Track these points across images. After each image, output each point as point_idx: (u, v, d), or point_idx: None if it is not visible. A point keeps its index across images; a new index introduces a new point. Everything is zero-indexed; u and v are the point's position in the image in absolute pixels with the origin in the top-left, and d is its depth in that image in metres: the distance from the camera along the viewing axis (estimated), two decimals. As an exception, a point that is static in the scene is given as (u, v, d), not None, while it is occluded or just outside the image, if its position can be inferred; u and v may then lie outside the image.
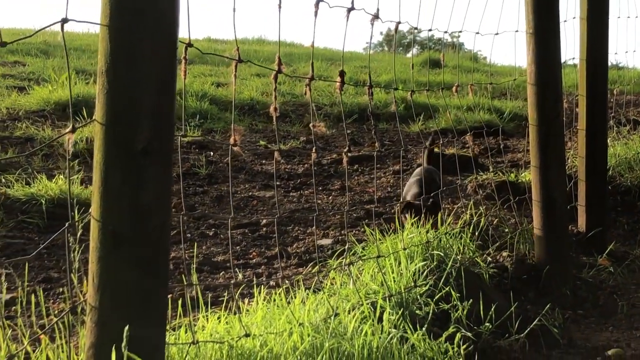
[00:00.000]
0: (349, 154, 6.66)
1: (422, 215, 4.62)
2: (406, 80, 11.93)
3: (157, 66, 2.23)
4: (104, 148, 2.26)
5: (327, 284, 3.63)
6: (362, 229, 5.45)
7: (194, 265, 4.30)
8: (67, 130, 2.27)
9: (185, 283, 2.89)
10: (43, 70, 11.39)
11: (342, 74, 3.34)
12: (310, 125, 3.31)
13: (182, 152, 7.80)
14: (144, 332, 2.19)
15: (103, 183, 2.26)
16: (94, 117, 2.29)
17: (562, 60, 4.68)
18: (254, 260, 5.00)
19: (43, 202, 5.82)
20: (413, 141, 8.77)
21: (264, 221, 5.81)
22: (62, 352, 2.45)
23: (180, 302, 3.20)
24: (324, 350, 2.64)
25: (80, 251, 2.52)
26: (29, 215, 5.81)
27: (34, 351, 2.52)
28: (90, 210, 2.31)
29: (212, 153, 7.96)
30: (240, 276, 4.63)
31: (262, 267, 4.85)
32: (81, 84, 9.80)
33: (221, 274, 4.70)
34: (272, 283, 4.33)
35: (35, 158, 7.29)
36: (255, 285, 3.57)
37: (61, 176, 6.23)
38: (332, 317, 3.08)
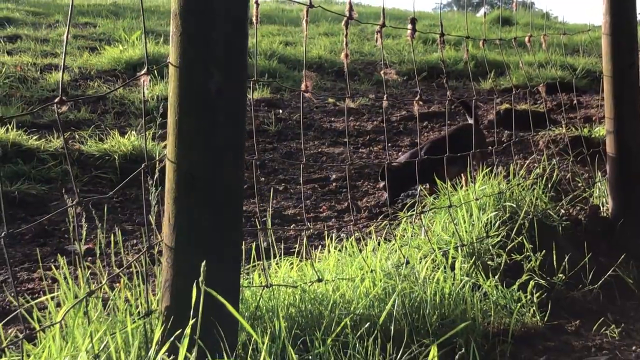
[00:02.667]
0: (419, 111, 6.57)
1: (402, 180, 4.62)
2: (476, 38, 11.75)
3: (230, 4, 2.23)
4: (178, 90, 2.27)
5: (398, 235, 3.62)
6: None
7: (266, 219, 4.33)
8: (142, 72, 2.29)
9: (259, 227, 2.90)
10: (113, 31, 11.51)
11: (413, 21, 3.30)
12: (382, 72, 3.28)
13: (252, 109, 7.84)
14: (219, 270, 2.21)
15: (177, 125, 2.28)
16: (168, 60, 2.30)
17: (638, 11, 4.58)
18: (324, 214, 5.01)
19: (116, 157, 5.91)
20: (484, 98, 8.67)
21: (334, 176, 5.82)
22: (140, 292, 2.49)
23: (253, 252, 3.22)
24: (396, 293, 2.63)
25: (157, 195, 2.54)
26: (103, 170, 5.90)
27: (112, 291, 2.57)
28: (165, 152, 2.33)
29: (280, 111, 7.98)
30: (310, 229, 4.65)
31: (333, 220, 4.87)
32: (151, 43, 9.88)
33: (292, 226, 4.72)
34: (342, 235, 4.34)
35: (107, 116, 7.39)
36: (327, 235, 3.58)
37: (133, 132, 6.31)
38: (404, 265, 3.07)
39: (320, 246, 4.05)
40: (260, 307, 2.62)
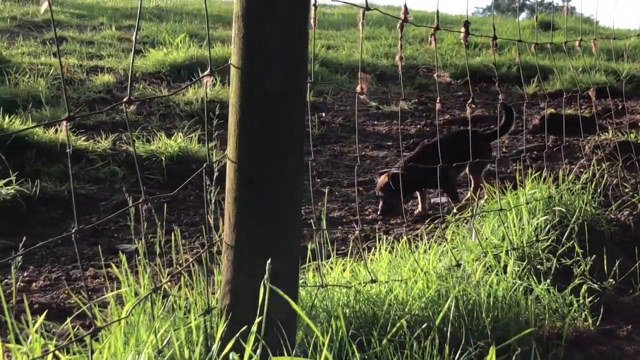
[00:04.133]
0: (462, 115, 6.59)
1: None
2: (525, 42, 11.71)
3: (292, 8, 2.26)
4: (239, 92, 2.31)
5: (448, 237, 3.63)
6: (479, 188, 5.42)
7: (312, 220, 4.36)
8: (206, 73, 2.33)
9: (314, 228, 2.93)
10: (157, 34, 11.62)
11: (466, 24, 3.32)
12: (435, 75, 3.30)
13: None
14: (278, 269, 2.23)
15: (239, 125, 2.31)
16: (229, 62, 2.33)
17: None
18: (370, 216, 5.03)
19: (163, 158, 5.97)
20: (527, 102, 8.63)
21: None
22: (199, 290, 2.53)
23: (309, 252, 3.24)
24: (452, 295, 2.65)
25: (215, 193, 2.58)
26: (150, 171, 5.97)
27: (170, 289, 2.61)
28: (225, 152, 2.36)
29: (323, 114, 8.01)
30: (357, 231, 4.67)
31: (379, 222, 4.88)
32: (195, 46, 9.97)
33: (338, 228, 4.74)
34: (389, 238, 4.36)
35: (153, 117, 7.47)
36: (376, 238, 3.60)
37: (180, 134, 6.37)
38: (455, 267, 3.08)
39: (367, 248, 4.07)
40: (316, 307, 2.64)
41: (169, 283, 2.56)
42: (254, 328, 1.99)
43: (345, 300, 2.74)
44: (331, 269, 3.10)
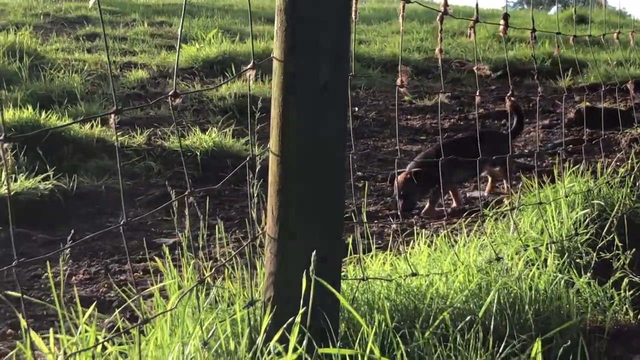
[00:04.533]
0: (496, 109, 6.56)
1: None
2: (551, 36, 11.63)
3: (336, 1, 2.26)
4: (282, 85, 2.31)
5: (487, 231, 3.62)
6: (514, 182, 5.40)
7: (352, 214, 4.36)
8: (249, 66, 2.34)
9: (355, 221, 2.93)
10: (189, 30, 11.66)
11: (505, 17, 3.30)
12: (474, 68, 3.29)
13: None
14: (322, 262, 2.24)
15: (282, 118, 2.32)
16: (272, 55, 2.34)
17: None
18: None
19: (197, 153, 6.00)
20: (563, 95, 8.56)
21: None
22: (242, 282, 2.54)
23: (350, 246, 3.25)
24: (495, 288, 2.64)
25: (258, 186, 2.58)
26: (185, 166, 5.98)
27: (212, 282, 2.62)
28: (268, 145, 2.37)
29: (356, 108, 8.00)
30: (394, 225, 4.67)
31: (415, 217, 4.88)
32: (227, 42, 10.00)
33: (374, 222, 4.74)
34: (426, 232, 4.35)
35: (186, 113, 7.50)
36: (415, 232, 3.60)
37: (214, 129, 6.40)
38: (495, 261, 3.08)
39: (404, 242, 4.07)
40: (357, 300, 2.65)
41: (210, 276, 2.58)
42: (298, 319, 2.00)
43: (385, 293, 2.75)
44: (371, 262, 3.10)
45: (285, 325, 2.02)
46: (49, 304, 2.62)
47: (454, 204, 5.08)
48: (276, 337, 1.98)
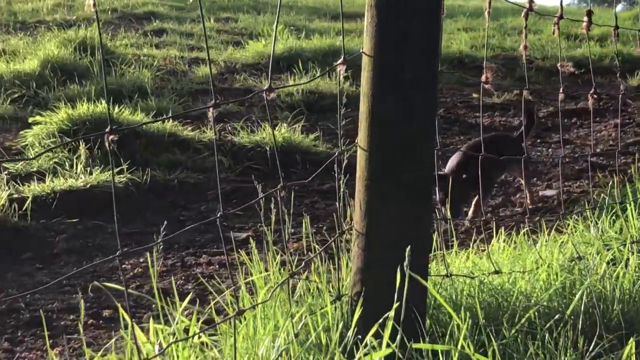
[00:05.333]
0: (566, 107, 6.47)
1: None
2: (619, 34, 11.46)
3: (427, -4, 2.26)
4: (371, 79, 2.31)
5: (568, 230, 3.58)
6: (587, 181, 5.34)
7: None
8: (339, 61, 2.34)
9: (438, 217, 2.93)
10: (255, 26, 11.73)
11: (589, 13, 3.26)
12: (558, 65, 3.26)
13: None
14: (411, 257, 2.23)
15: (371, 113, 2.32)
16: (361, 50, 2.34)
17: None
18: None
19: (267, 149, 6.03)
20: (632, 95, 8.45)
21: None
22: (327, 278, 2.55)
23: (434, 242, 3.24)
24: (582, 288, 2.61)
25: (344, 181, 2.59)
26: (254, 161, 6.04)
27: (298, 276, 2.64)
28: (356, 140, 2.37)
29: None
30: (466, 222, 4.65)
31: (488, 215, 4.84)
32: (293, 38, 10.02)
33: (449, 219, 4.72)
34: (503, 230, 4.32)
35: (254, 108, 7.54)
36: (494, 229, 3.57)
37: (284, 124, 6.43)
38: (577, 260, 3.04)
39: (483, 240, 4.04)
40: (442, 296, 2.64)
41: (291, 270, 2.59)
42: (392, 314, 2.00)
43: (468, 290, 2.73)
44: (452, 259, 3.09)
45: (381, 320, 2.02)
46: (145, 295, 2.65)
47: (527, 201, 5.03)
48: (372, 331, 1.98)
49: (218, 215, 1.95)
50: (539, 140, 6.75)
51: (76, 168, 5.35)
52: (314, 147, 6.20)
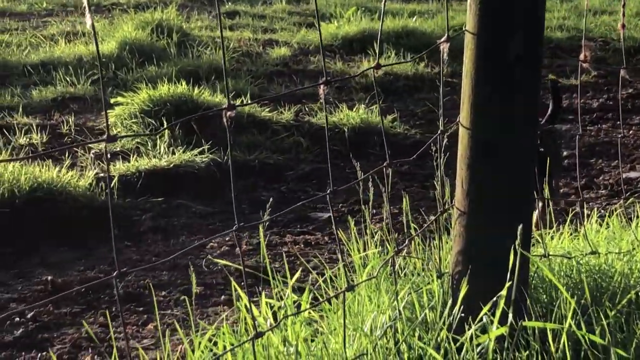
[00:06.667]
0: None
1: None
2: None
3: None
4: (474, 57, 2.31)
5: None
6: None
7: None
8: (442, 39, 2.34)
9: (537, 196, 2.91)
10: (326, 7, 11.71)
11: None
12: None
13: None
14: (512, 236, 2.23)
15: (473, 92, 2.31)
16: (464, 28, 2.34)
17: None
18: (562, 190, 4.94)
19: (345, 130, 6.04)
20: None
21: (565, 153, 5.72)
22: (428, 255, 2.56)
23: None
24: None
25: (444, 160, 2.59)
26: (333, 142, 6.05)
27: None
28: (458, 119, 2.37)
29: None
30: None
31: (572, 197, 4.80)
32: (366, 19, 10.00)
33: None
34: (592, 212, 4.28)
35: (329, 90, 7.55)
36: (590, 211, 3.54)
37: (362, 106, 6.43)
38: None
39: (570, 221, 4.00)
40: (538, 276, 2.63)
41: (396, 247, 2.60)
42: (504, 292, 2.00)
43: (566, 270, 2.72)
44: (551, 239, 3.07)
45: (496, 298, 2.02)
46: (255, 271, 2.69)
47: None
48: (485, 309, 1.98)
49: (328, 191, 1.97)
50: (618, 123, 6.64)
51: (159, 148, 5.42)
52: (392, 128, 6.19)
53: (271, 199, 3.25)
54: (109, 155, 5.41)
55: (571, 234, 3.08)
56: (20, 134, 5.88)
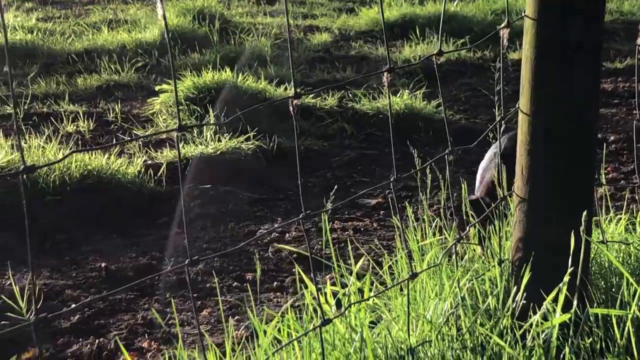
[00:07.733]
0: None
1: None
2: None
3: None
4: (534, 43, 2.28)
5: None
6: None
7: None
8: (503, 25, 2.32)
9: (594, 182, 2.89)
10: (366, -7, 11.70)
11: None
12: None
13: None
14: (574, 224, 2.21)
15: (533, 78, 2.29)
16: (523, 14, 2.32)
17: None
18: (610, 175, 4.90)
19: (389, 116, 6.01)
20: None
21: (612, 138, 5.67)
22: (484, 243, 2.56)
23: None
24: None
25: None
26: (376, 128, 6.05)
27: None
28: (517, 104, 2.36)
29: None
30: (600, 190, 4.57)
31: (622, 182, 4.75)
32: (407, 4, 9.96)
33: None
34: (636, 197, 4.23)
35: (372, 76, 7.54)
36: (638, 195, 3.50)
37: (405, 91, 6.41)
38: None
39: (617, 207, 3.97)
40: (597, 262, 2.61)
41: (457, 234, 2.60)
42: (566, 279, 1.99)
43: (622, 257, 2.70)
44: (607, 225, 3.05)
45: (562, 285, 2.01)
46: (321, 258, 2.70)
47: None
48: (551, 296, 1.98)
49: (392, 179, 1.97)
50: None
51: (205, 135, 5.45)
52: (437, 114, 6.16)
53: (335, 188, 3.24)
54: (179, 144, 5.45)
55: (629, 220, 3.05)
56: (67, 121, 5.94)
